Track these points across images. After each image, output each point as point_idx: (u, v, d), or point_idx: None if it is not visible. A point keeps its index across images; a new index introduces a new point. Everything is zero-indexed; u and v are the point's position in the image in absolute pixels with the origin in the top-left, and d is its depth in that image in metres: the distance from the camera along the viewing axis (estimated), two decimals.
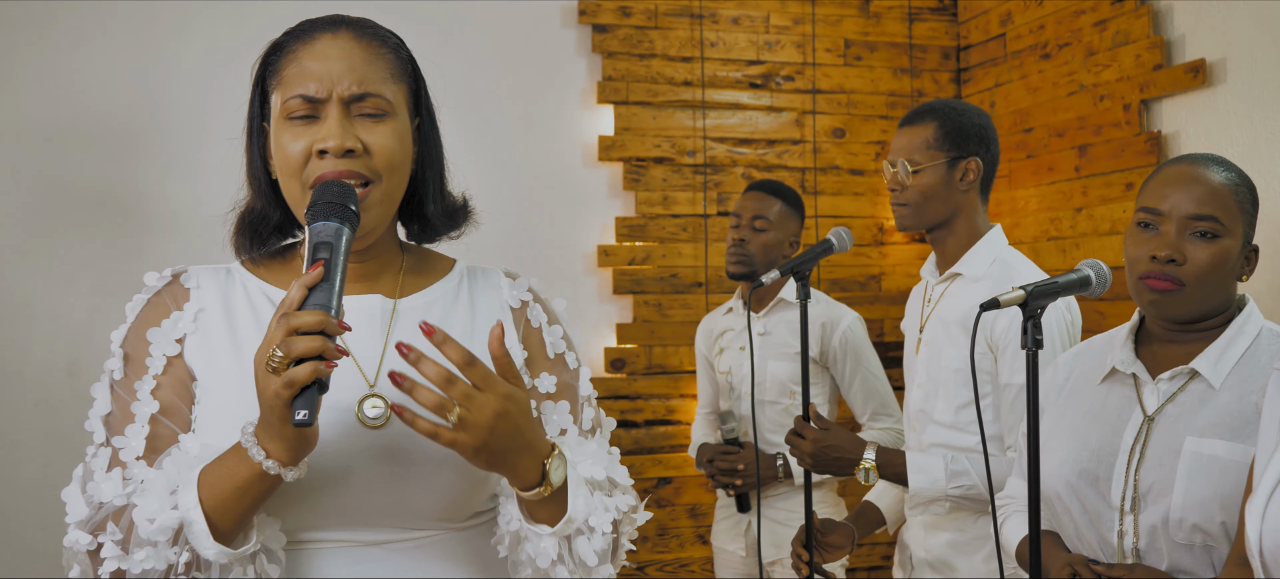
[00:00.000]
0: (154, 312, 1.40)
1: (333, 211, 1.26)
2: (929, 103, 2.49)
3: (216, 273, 1.45)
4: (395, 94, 1.39)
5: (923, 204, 2.41)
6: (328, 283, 1.20)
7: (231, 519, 1.23)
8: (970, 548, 2.38)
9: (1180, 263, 1.74)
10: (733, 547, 3.16)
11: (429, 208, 1.47)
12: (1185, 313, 1.78)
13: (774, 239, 3.08)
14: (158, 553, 1.22)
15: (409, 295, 1.45)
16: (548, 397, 1.46)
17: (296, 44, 1.41)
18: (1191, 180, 1.77)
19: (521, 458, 1.26)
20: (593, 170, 3.92)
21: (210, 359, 1.36)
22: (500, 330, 1.26)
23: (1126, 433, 1.79)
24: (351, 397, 1.32)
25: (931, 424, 2.42)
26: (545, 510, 1.32)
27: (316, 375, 1.15)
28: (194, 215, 3.57)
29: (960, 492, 2.34)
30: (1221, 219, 1.74)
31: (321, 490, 1.31)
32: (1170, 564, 1.70)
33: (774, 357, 3.06)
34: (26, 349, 3.42)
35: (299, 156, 1.34)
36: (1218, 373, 1.74)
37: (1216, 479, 1.66)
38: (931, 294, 2.50)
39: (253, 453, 1.21)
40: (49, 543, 3.42)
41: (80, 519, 1.27)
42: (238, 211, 1.48)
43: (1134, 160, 3.37)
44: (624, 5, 3.93)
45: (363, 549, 1.35)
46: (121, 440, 1.32)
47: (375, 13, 1.54)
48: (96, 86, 3.50)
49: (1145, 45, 3.32)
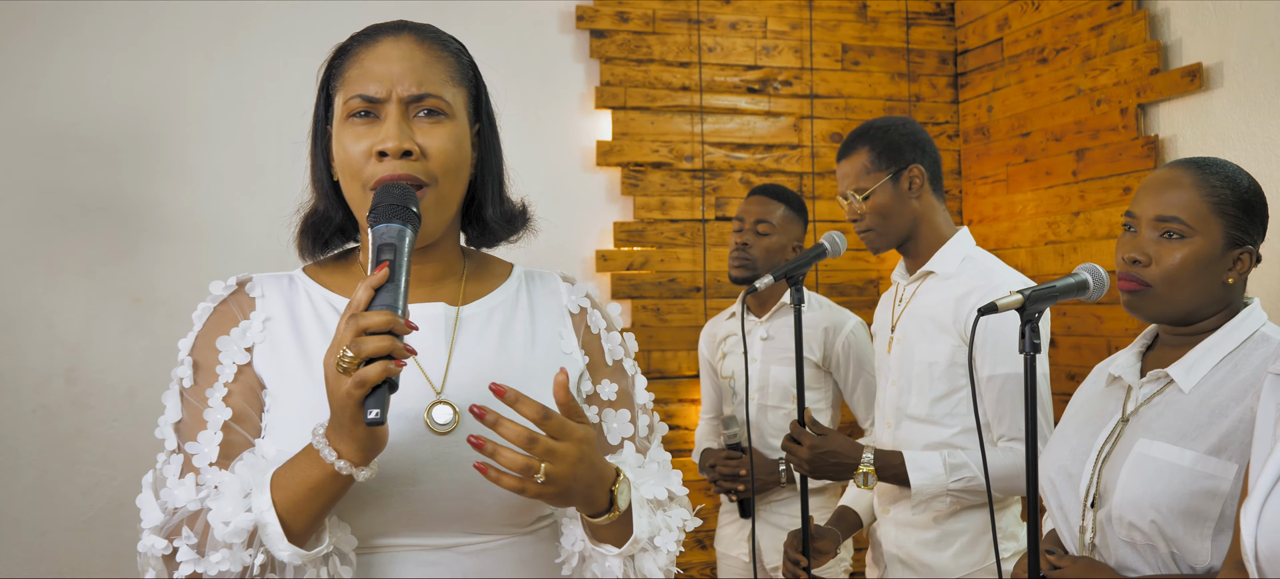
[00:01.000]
0: (222, 320, 1.42)
1: (395, 214, 1.27)
2: (855, 130, 2.58)
3: (280, 281, 1.47)
4: (454, 97, 1.41)
5: (883, 224, 2.49)
6: (393, 283, 1.21)
7: (304, 520, 1.25)
8: (942, 544, 2.41)
9: (1145, 264, 1.78)
10: (736, 552, 3.16)
11: (488, 212, 1.48)
12: (1160, 312, 1.80)
13: (777, 243, 3.08)
14: (233, 555, 1.24)
15: (471, 302, 1.46)
16: (609, 404, 1.49)
17: (359, 47, 1.42)
18: (1163, 183, 1.80)
19: (594, 490, 1.30)
20: (591, 175, 3.93)
21: (278, 367, 1.38)
22: (565, 378, 1.28)
23: (1101, 433, 1.83)
24: (419, 405, 1.34)
25: (906, 419, 2.46)
26: (610, 532, 1.35)
27: (386, 374, 1.16)
28: (192, 221, 3.57)
29: (961, 485, 2.36)
30: (1186, 220, 1.76)
31: (390, 495, 1.33)
32: (1116, 561, 1.74)
33: (778, 361, 3.05)
34: (24, 355, 3.42)
35: (359, 157, 1.36)
36: (1190, 378, 1.77)
37: (1150, 479, 1.70)
38: (903, 294, 2.54)
39: (324, 454, 1.23)
40: (47, 548, 3.42)
41: (155, 524, 1.30)
42: (301, 213, 1.49)
43: (1131, 164, 3.38)
44: (622, 10, 3.94)
45: (431, 552, 1.37)
46: (194, 446, 1.34)
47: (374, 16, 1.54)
48: (95, 92, 3.51)
49: (1142, 49, 3.33)
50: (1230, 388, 1.72)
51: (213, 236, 3.57)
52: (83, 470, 3.46)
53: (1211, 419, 1.70)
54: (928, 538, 2.43)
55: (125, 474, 3.48)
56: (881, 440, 2.55)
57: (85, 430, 3.46)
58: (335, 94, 1.42)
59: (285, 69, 3.64)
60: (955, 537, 2.40)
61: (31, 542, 3.40)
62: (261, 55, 3.64)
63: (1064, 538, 1.87)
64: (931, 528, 2.43)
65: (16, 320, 3.42)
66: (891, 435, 2.50)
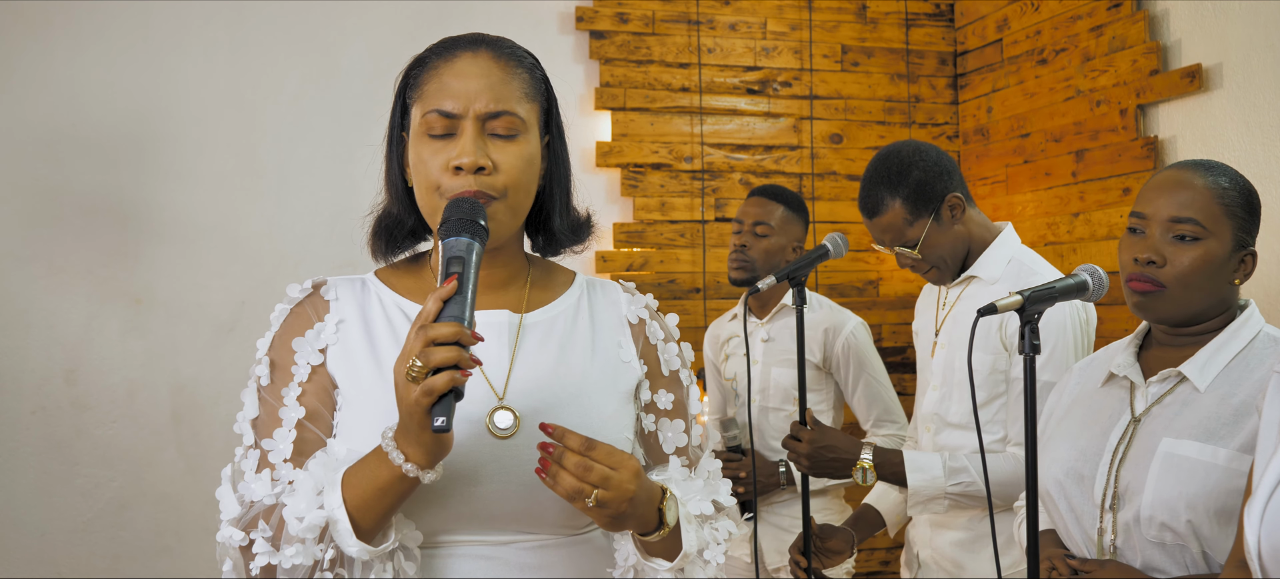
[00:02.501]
0: (297, 322, 1.47)
1: (464, 228, 1.33)
2: (870, 178, 2.45)
3: (353, 284, 1.52)
4: (528, 112, 1.46)
5: (943, 259, 2.44)
6: (460, 295, 1.27)
7: (372, 518, 1.32)
8: (977, 546, 2.39)
9: (1160, 265, 1.78)
10: (737, 553, 3.16)
11: (556, 222, 1.54)
12: (1171, 314, 1.80)
13: (776, 244, 3.07)
14: (306, 549, 1.30)
15: (534, 310, 1.52)
16: (665, 413, 1.55)
17: (438, 61, 1.47)
18: (1175, 184, 1.79)
19: (644, 510, 1.38)
20: (590, 176, 3.93)
21: (351, 368, 1.43)
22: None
23: (1113, 433, 1.82)
24: (481, 409, 1.39)
25: (947, 427, 2.43)
26: (660, 547, 1.42)
27: (453, 384, 1.22)
28: (192, 222, 3.57)
29: (959, 490, 2.34)
30: (1202, 222, 1.76)
31: (452, 496, 1.39)
32: (1143, 562, 1.73)
33: (778, 363, 3.05)
34: (24, 356, 3.42)
35: (435, 171, 1.41)
36: (1204, 376, 1.77)
37: (1184, 479, 1.69)
38: (946, 297, 2.51)
39: (393, 457, 1.29)
40: (47, 549, 3.42)
41: (233, 517, 1.35)
42: (375, 215, 1.54)
43: (1131, 165, 3.38)
44: (621, 11, 3.94)
45: (491, 548, 1.42)
46: (270, 443, 1.40)
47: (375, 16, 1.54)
48: (94, 93, 3.51)
49: (1141, 50, 3.33)
50: (1250, 386, 1.73)
51: (213, 237, 3.57)
52: (82, 471, 3.46)
53: (1236, 417, 1.70)
54: (961, 539, 2.41)
55: (125, 475, 3.49)
56: (922, 445, 2.53)
57: (85, 431, 3.46)
58: (412, 104, 1.47)
59: (285, 69, 3.64)
60: (990, 539, 2.37)
61: (31, 542, 3.40)
62: (261, 55, 3.64)
63: (1074, 540, 1.84)
64: (965, 529, 2.40)
65: (16, 321, 3.42)
66: (932, 440, 2.47)
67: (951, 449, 2.42)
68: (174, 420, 3.54)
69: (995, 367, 2.35)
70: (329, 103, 3.67)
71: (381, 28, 3.68)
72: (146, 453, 3.49)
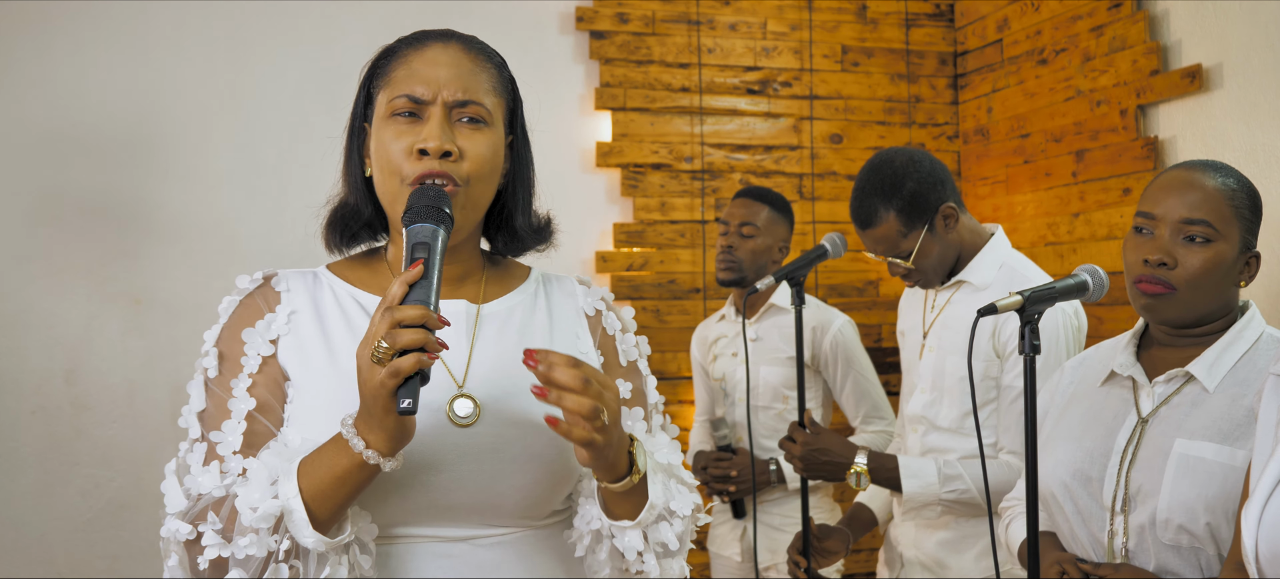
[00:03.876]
0: (247, 313, 1.46)
1: (429, 214, 1.33)
2: (863, 188, 2.43)
3: (305, 277, 1.51)
4: (494, 106, 1.46)
5: (934, 264, 2.43)
6: (426, 280, 1.26)
7: (329, 508, 1.29)
8: (963, 546, 2.39)
9: (1171, 266, 1.76)
10: (728, 552, 3.16)
11: (518, 222, 1.55)
12: (1179, 316, 1.79)
13: (762, 245, 3.08)
14: (259, 540, 1.27)
15: (491, 301, 1.52)
16: (624, 403, 1.52)
17: (408, 50, 1.47)
18: (1185, 185, 1.78)
19: (617, 453, 1.35)
20: (590, 176, 3.93)
21: (303, 359, 1.42)
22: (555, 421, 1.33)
23: (1120, 435, 1.80)
24: (441, 397, 1.38)
25: (934, 430, 2.43)
26: (626, 504, 1.39)
27: (419, 366, 1.21)
28: (191, 222, 3.57)
29: (953, 496, 2.34)
30: (1214, 223, 1.74)
31: (411, 486, 1.37)
32: (1157, 565, 1.71)
33: (766, 362, 3.06)
34: (23, 356, 3.42)
35: (399, 154, 1.40)
36: (1212, 377, 1.75)
37: (1202, 481, 1.68)
38: (934, 300, 2.50)
39: (353, 444, 1.27)
40: (47, 549, 3.42)
41: (179, 510, 1.32)
42: (330, 206, 1.53)
43: (1131, 165, 3.38)
44: (621, 11, 3.94)
45: (449, 544, 1.41)
46: (218, 435, 1.38)
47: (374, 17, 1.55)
48: (94, 93, 3.51)
49: (1142, 50, 3.33)
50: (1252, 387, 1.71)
51: (213, 237, 3.57)
52: (82, 471, 3.46)
53: (1249, 418, 1.69)
54: (947, 539, 2.41)
55: (125, 475, 3.48)
56: (908, 447, 2.53)
57: (85, 431, 3.46)
58: (378, 92, 1.47)
59: (285, 69, 3.64)
60: (976, 539, 2.37)
61: (31, 542, 3.40)
62: (261, 55, 3.64)
63: (1080, 544, 1.83)
64: (951, 529, 2.40)
65: (16, 321, 3.42)
66: (919, 443, 2.47)
67: (939, 452, 2.41)
68: (174, 420, 3.54)
69: (986, 372, 2.35)
70: (329, 102, 3.67)
71: (381, 28, 3.65)
72: (146, 453, 3.49)
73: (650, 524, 1.40)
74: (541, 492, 1.44)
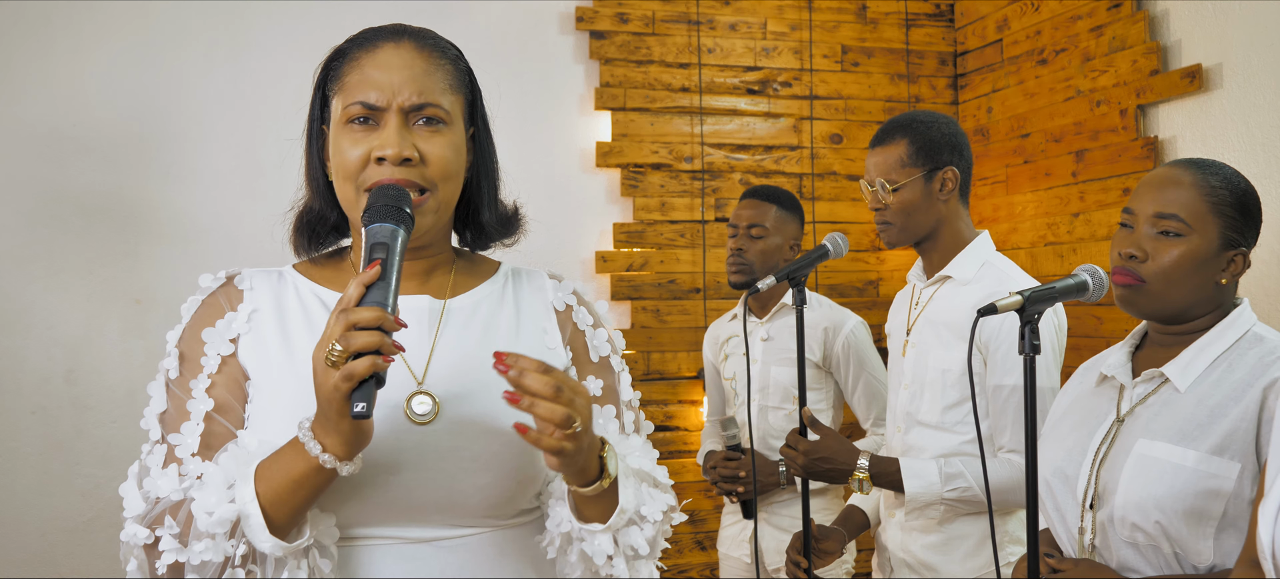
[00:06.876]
0: (208, 312, 1.44)
1: (388, 214, 1.30)
2: (896, 119, 2.50)
3: (269, 275, 1.49)
4: (453, 104, 1.42)
5: (906, 221, 2.43)
6: (384, 281, 1.24)
7: (287, 512, 1.26)
8: (949, 548, 2.40)
9: (1141, 260, 1.79)
10: (737, 553, 3.16)
11: (485, 215, 1.51)
12: (1152, 310, 1.81)
13: (772, 244, 3.08)
14: (216, 545, 1.25)
15: (458, 296, 1.48)
16: (594, 400, 1.49)
17: (360, 52, 1.42)
18: (1163, 182, 1.81)
19: (588, 457, 1.31)
20: (591, 176, 3.93)
21: (263, 358, 1.40)
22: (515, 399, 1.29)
23: (1097, 433, 1.83)
24: (400, 394, 1.35)
25: (917, 425, 2.44)
26: (597, 507, 1.35)
27: (374, 369, 1.18)
28: (192, 222, 3.57)
29: (956, 495, 2.35)
30: (1184, 218, 1.76)
31: (371, 486, 1.34)
32: (1118, 562, 1.75)
33: (778, 362, 3.05)
34: (23, 356, 3.42)
35: (356, 162, 1.37)
36: (1185, 377, 1.77)
37: (1153, 480, 1.71)
38: (919, 297, 2.51)
39: (310, 447, 1.24)
40: (47, 550, 3.42)
41: (137, 514, 1.30)
42: (295, 211, 1.51)
43: (1131, 165, 3.38)
44: (622, 12, 3.94)
45: (412, 546, 1.38)
46: (177, 438, 1.36)
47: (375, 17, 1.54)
48: (94, 93, 3.51)
49: (1141, 50, 3.33)
50: (1227, 388, 1.73)
51: (213, 237, 3.57)
52: (82, 471, 3.46)
53: (1211, 419, 1.71)
54: (933, 541, 2.42)
55: (125, 475, 3.48)
56: (892, 444, 2.53)
57: (85, 431, 3.46)
58: (332, 96, 1.43)
59: (285, 69, 3.64)
60: (961, 540, 2.39)
61: (31, 542, 3.40)
62: (261, 55, 3.64)
63: (1061, 539, 1.87)
64: (937, 531, 2.41)
65: (16, 321, 3.42)
66: (901, 440, 2.48)
67: (920, 449, 2.42)
68: None
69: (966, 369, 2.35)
70: None
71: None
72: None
73: (620, 528, 1.36)
74: (506, 491, 1.40)
